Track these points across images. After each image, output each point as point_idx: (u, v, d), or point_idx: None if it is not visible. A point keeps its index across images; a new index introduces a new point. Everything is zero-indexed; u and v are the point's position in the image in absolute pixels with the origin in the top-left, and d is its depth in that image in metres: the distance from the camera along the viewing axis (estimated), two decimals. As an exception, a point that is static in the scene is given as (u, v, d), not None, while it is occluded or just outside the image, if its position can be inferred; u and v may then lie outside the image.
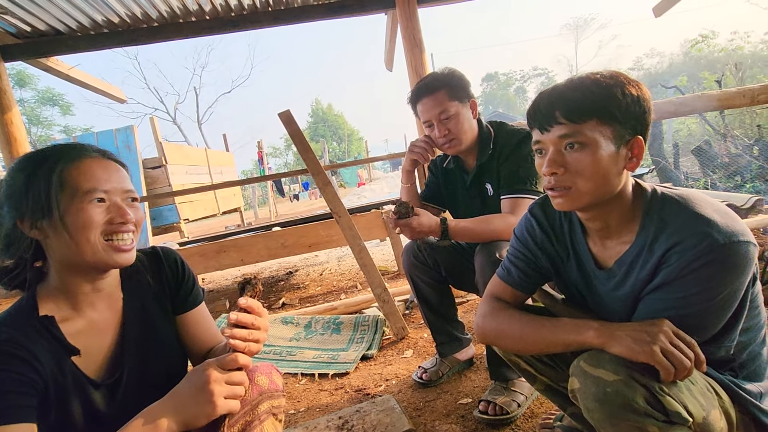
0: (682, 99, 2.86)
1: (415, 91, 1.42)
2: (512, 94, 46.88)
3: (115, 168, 0.79)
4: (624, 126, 0.72)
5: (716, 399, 0.73)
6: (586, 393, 0.69)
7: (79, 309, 0.79)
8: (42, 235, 0.73)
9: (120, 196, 0.77)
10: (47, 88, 21.70)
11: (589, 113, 0.72)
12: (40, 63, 2.66)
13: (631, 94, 0.72)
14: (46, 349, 0.73)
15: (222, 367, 0.72)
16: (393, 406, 1.43)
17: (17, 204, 0.72)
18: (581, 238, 0.87)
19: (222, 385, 0.70)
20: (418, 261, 1.58)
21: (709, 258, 0.67)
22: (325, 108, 34.64)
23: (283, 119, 2.30)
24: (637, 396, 0.65)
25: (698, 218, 0.70)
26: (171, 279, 0.92)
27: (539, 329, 0.81)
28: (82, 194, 0.72)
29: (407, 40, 2.50)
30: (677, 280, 0.70)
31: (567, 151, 0.75)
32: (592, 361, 0.70)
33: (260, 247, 3.12)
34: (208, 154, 7.48)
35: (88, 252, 0.73)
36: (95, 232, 0.73)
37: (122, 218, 0.75)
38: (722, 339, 0.74)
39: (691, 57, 21.99)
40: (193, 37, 2.66)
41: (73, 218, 0.72)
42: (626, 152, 0.74)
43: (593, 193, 0.75)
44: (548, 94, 0.77)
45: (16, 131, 2.46)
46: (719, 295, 0.69)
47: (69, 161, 0.74)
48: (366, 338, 2.13)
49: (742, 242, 0.67)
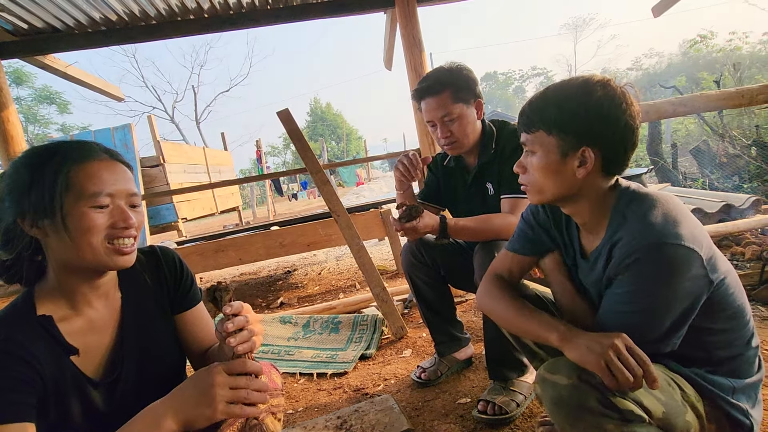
0: (681, 99, 2.86)
1: (419, 89, 1.40)
2: (511, 94, 46.94)
3: (122, 170, 0.78)
4: (568, 137, 0.79)
5: (678, 392, 0.77)
6: (545, 397, 0.76)
7: (78, 308, 0.78)
8: (42, 234, 0.73)
9: (124, 200, 0.76)
10: (44, 86, 21.53)
11: (536, 125, 0.82)
12: (37, 60, 2.64)
13: (578, 105, 0.77)
14: (45, 349, 0.72)
15: (228, 371, 0.71)
16: (392, 406, 1.42)
17: (19, 200, 0.71)
18: (574, 230, 0.94)
19: (225, 389, 0.69)
20: (417, 260, 1.58)
21: (638, 256, 0.73)
22: (324, 107, 34.58)
23: (282, 118, 2.29)
24: (589, 398, 0.70)
25: (642, 219, 0.75)
26: (169, 278, 0.92)
27: (517, 316, 0.90)
28: (86, 197, 0.72)
29: (406, 39, 2.49)
30: (618, 275, 0.77)
31: (527, 155, 0.87)
32: (551, 368, 0.77)
33: (258, 246, 3.11)
34: (206, 153, 7.46)
35: (89, 254, 0.73)
36: (98, 237, 0.72)
37: (125, 223, 0.75)
38: (668, 338, 0.77)
39: (690, 57, 22.04)
40: (191, 35, 2.65)
41: (76, 221, 0.71)
42: (574, 160, 0.79)
43: (544, 193, 0.85)
44: (525, 104, 0.87)
45: (12, 129, 2.45)
46: (656, 295, 0.73)
47: (76, 161, 0.73)
48: (364, 338, 2.12)
49: (672, 244, 0.71)
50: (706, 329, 0.78)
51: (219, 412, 0.68)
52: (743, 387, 0.82)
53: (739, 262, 2.22)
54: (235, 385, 0.70)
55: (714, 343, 0.81)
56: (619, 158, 0.80)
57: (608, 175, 0.82)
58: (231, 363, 0.72)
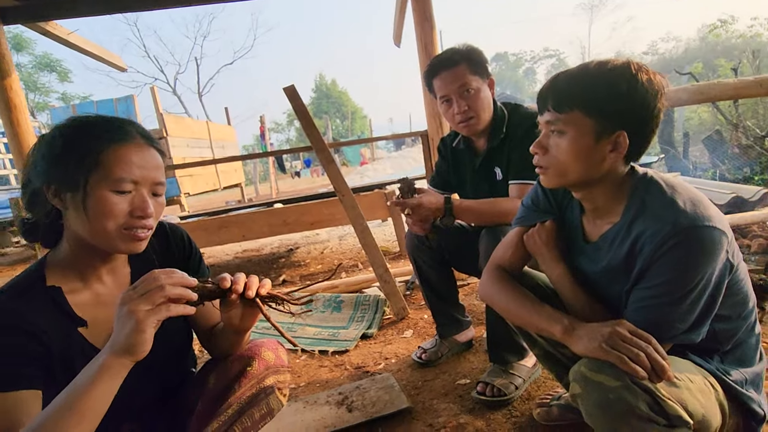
0: (697, 87, 2.79)
1: (432, 64, 1.36)
2: (521, 76, 45.96)
3: (153, 156, 0.77)
4: (608, 120, 0.75)
5: (713, 393, 0.76)
6: (588, 399, 0.71)
7: (87, 281, 0.79)
8: (63, 206, 0.73)
9: (148, 188, 0.75)
10: (45, 53, 21.12)
11: (572, 105, 0.77)
12: (38, 27, 2.59)
13: (627, 89, 0.74)
14: (53, 320, 0.73)
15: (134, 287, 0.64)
16: (392, 384, 1.45)
17: (48, 168, 0.72)
18: (578, 214, 0.93)
19: (136, 299, 0.62)
20: (421, 243, 1.57)
21: (675, 241, 0.71)
22: (329, 84, 34.02)
23: (288, 94, 2.25)
24: (639, 402, 0.67)
25: (670, 205, 0.74)
26: (177, 255, 0.92)
27: (520, 308, 0.90)
28: (111, 181, 0.71)
29: (418, 13, 2.41)
30: (652, 266, 0.75)
31: (551, 135, 0.81)
32: (594, 366, 0.72)
33: (262, 224, 3.12)
34: (209, 127, 7.39)
35: (102, 236, 0.73)
36: (114, 222, 0.72)
37: (143, 213, 0.74)
38: (700, 325, 0.76)
39: (708, 43, 21.36)
40: (197, 5, 2.58)
41: (95, 203, 0.71)
42: (608, 144, 0.77)
43: (567, 176, 0.81)
44: (551, 81, 0.82)
45: (15, 97, 2.41)
46: (693, 280, 0.71)
47: (110, 141, 0.72)
48: (366, 317, 2.15)
49: (706, 227, 0.71)
50: (716, 316, 0.78)
51: (141, 321, 0.61)
52: (753, 378, 0.83)
53: (746, 255, 2.21)
54: (144, 290, 0.63)
55: (723, 331, 0.81)
56: (645, 144, 0.79)
57: (628, 161, 0.81)
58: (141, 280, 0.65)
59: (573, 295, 0.90)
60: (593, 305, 0.88)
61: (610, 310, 0.86)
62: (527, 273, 1.04)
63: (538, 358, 1.03)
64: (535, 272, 1.05)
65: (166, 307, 0.64)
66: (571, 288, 0.91)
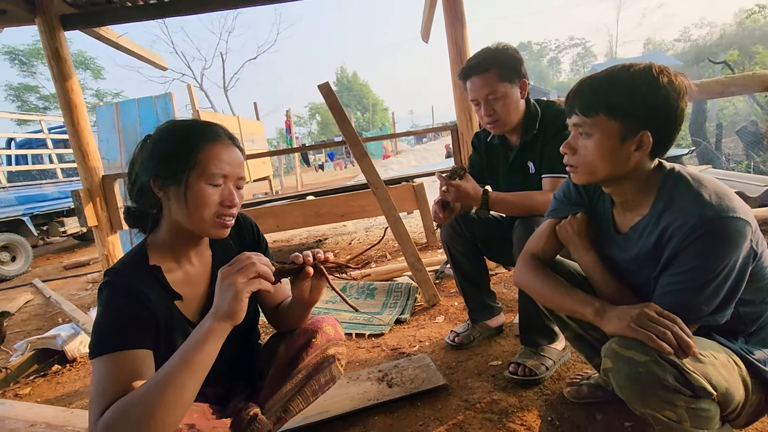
0: (731, 78, 2.74)
1: (466, 68, 1.45)
2: (545, 65, 44.73)
3: (237, 154, 0.90)
4: (631, 122, 0.81)
5: (737, 369, 0.82)
6: (619, 372, 0.78)
7: (180, 262, 0.93)
8: (166, 197, 0.86)
9: (233, 182, 0.88)
10: (79, 51, 21.97)
11: (597, 109, 0.83)
12: (93, 32, 2.78)
13: (648, 91, 0.79)
14: (156, 293, 0.87)
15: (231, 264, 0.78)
16: (428, 364, 1.56)
17: (157, 165, 0.85)
18: (609, 206, 0.99)
19: (235, 273, 0.76)
20: (455, 233, 1.67)
21: (702, 231, 0.76)
22: (351, 77, 34.07)
23: (323, 91, 2.37)
24: (667, 374, 0.74)
25: (697, 198, 0.79)
26: (248, 241, 1.06)
27: (553, 293, 0.96)
28: (207, 175, 0.84)
29: (449, 12, 2.47)
30: (678, 254, 0.80)
31: (579, 137, 0.88)
32: (624, 343, 0.79)
33: (296, 215, 3.27)
34: (240, 122, 7.63)
35: (198, 223, 0.86)
36: (209, 211, 0.85)
37: (231, 202, 0.87)
38: (724, 308, 0.81)
39: (745, 28, 20.25)
40: (240, 6, 2.71)
41: (194, 195, 0.84)
42: (632, 144, 0.82)
43: (595, 174, 0.88)
44: (578, 85, 0.88)
45: (76, 98, 2.63)
46: (718, 267, 0.77)
47: (206, 142, 0.85)
48: (399, 303, 2.26)
49: (731, 217, 0.76)
50: (740, 300, 0.83)
51: (240, 291, 0.74)
52: None
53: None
54: (240, 266, 0.77)
55: (748, 314, 0.87)
56: (669, 142, 0.84)
57: (653, 157, 0.86)
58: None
59: (603, 280, 0.97)
60: (622, 290, 0.94)
61: (639, 295, 0.92)
62: (559, 261, 1.10)
63: (568, 340, 1.10)
64: (567, 261, 1.11)
65: (258, 280, 0.77)
66: (601, 274, 0.97)
